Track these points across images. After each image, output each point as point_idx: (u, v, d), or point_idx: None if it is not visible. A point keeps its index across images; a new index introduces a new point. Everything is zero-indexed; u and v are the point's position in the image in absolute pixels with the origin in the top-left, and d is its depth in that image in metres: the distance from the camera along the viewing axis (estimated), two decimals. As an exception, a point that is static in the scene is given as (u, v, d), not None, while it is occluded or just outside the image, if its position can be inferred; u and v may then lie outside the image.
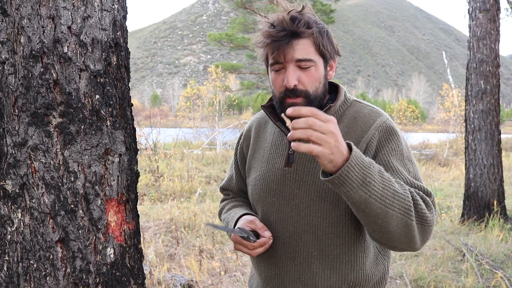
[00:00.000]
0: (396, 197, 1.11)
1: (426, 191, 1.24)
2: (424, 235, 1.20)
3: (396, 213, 1.12)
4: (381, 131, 1.30)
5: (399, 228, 1.14)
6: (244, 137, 1.57)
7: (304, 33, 1.26)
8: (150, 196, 8.41)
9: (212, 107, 19.74)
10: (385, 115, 1.36)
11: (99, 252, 1.09)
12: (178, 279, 3.76)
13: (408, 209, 1.13)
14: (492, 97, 6.01)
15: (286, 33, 1.26)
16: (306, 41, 1.27)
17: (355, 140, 1.30)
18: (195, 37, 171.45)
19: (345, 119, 1.35)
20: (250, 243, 1.30)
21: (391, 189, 1.11)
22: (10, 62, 1.02)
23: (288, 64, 1.28)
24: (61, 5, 1.03)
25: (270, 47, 1.28)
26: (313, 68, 1.29)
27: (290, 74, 1.27)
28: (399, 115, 21.40)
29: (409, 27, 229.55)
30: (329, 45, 1.31)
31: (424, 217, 1.17)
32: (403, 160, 1.28)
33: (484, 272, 4.19)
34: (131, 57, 42.17)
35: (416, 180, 1.26)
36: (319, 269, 1.33)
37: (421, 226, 1.18)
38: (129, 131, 1.17)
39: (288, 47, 1.26)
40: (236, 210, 1.52)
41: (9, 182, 1.04)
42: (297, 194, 1.33)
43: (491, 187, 5.97)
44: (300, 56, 1.27)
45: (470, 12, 6.22)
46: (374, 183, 1.08)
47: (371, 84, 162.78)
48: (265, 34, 1.28)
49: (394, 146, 1.29)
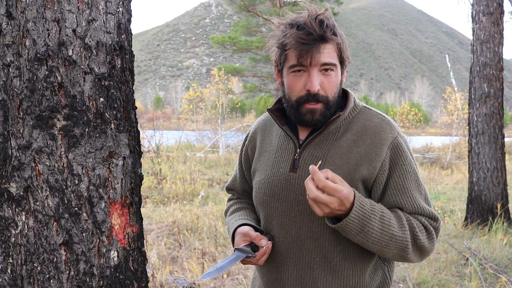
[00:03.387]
0: (393, 240, 1.24)
1: (433, 216, 1.32)
2: (422, 257, 1.33)
3: (392, 250, 1.26)
4: (392, 149, 1.31)
5: (395, 257, 1.30)
6: (250, 139, 1.57)
7: (331, 38, 1.27)
8: (153, 199, 8.41)
9: (215, 109, 19.76)
10: (395, 127, 1.36)
11: (102, 255, 1.09)
12: (180, 282, 3.76)
13: (404, 248, 1.26)
14: (496, 100, 5.99)
15: (315, 36, 1.25)
16: (331, 45, 1.27)
17: (364, 151, 1.30)
18: (198, 40, 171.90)
19: (354, 127, 1.34)
20: (252, 258, 1.33)
21: (389, 234, 1.23)
22: (15, 65, 1.02)
23: (312, 68, 1.27)
24: (66, 8, 1.03)
25: (297, 49, 1.26)
26: (334, 73, 1.29)
27: (314, 78, 1.26)
28: (402, 118, 21.37)
29: (412, 30, 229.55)
30: (347, 51, 1.32)
31: (423, 248, 1.29)
32: (417, 181, 1.32)
33: (488, 276, 4.17)
34: (134, 60, 42.25)
35: (427, 204, 1.33)
36: (321, 274, 1.33)
37: (419, 254, 1.31)
38: (133, 134, 1.17)
39: (316, 51, 1.25)
40: (235, 216, 1.53)
41: (13, 185, 1.04)
42: (301, 200, 1.32)
43: (494, 190, 5.94)
44: (327, 60, 1.26)
45: (473, 16, 6.21)
46: (372, 231, 1.21)
47: (374, 87, 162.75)
48: (294, 35, 1.26)
49: (407, 167, 1.31)
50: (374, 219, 1.21)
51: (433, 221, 1.31)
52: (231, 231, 1.46)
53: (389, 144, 1.30)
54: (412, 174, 1.31)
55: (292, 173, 1.35)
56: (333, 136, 1.34)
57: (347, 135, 1.33)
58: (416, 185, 1.31)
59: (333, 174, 1.17)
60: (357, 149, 1.30)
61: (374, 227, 1.21)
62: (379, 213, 1.23)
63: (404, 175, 1.30)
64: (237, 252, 1.33)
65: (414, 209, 1.29)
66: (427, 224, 1.29)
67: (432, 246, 1.31)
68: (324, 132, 1.34)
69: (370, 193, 1.32)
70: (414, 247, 1.27)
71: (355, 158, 1.30)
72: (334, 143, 1.33)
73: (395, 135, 1.32)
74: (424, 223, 1.29)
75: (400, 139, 1.33)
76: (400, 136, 1.34)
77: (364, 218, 1.19)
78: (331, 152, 1.32)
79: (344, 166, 1.29)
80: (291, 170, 1.35)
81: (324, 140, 1.34)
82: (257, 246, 1.34)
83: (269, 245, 1.35)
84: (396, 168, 1.30)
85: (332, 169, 1.29)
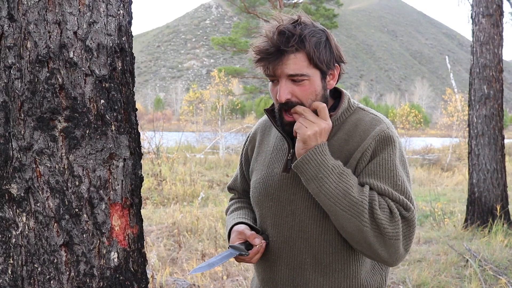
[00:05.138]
0: (347, 199, 1.20)
1: (404, 204, 1.24)
2: (388, 247, 1.22)
3: (346, 214, 1.21)
4: (378, 140, 1.29)
5: (354, 231, 1.22)
6: (250, 139, 1.59)
7: (293, 49, 1.23)
8: (153, 200, 8.41)
9: (215, 111, 19.76)
10: (386, 123, 1.34)
11: (103, 256, 1.09)
12: (180, 283, 3.76)
13: (359, 213, 1.20)
14: (496, 102, 6.00)
15: (274, 49, 1.24)
16: (299, 55, 1.24)
17: (353, 148, 1.30)
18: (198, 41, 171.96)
19: (346, 126, 1.34)
20: (245, 256, 1.34)
21: (343, 190, 1.21)
22: (17, 67, 1.03)
23: (280, 78, 1.27)
24: (67, 11, 1.04)
25: (259, 62, 1.28)
26: (307, 82, 1.27)
27: (281, 88, 1.27)
28: (402, 120, 21.36)
29: (412, 31, 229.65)
30: (326, 55, 1.27)
31: (381, 226, 1.20)
32: (392, 171, 1.27)
33: (488, 278, 4.17)
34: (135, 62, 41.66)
35: (399, 193, 1.26)
36: (312, 275, 1.34)
37: (379, 236, 1.21)
38: (133, 136, 1.18)
39: (278, 62, 1.25)
40: (234, 215, 1.55)
41: (14, 186, 1.04)
42: (293, 200, 1.34)
43: (494, 192, 5.94)
44: (291, 71, 1.25)
45: (473, 17, 6.22)
46: (326, 180, 1.22)
47: (374, 89, 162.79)
48: (255, 49, 1.27)
49: (386, 156, 1.28)
50: (332, 170, 1.22)
51: (403, 209, 1.24)
52: (228, 229, 1.49)
53: (375, 135, 1.29)
54: (391, 165, 1.26)
55: (285, 173, 1.37)
56: None
57: (339, 135, 1.33)
58: (390, 176, 1.26)
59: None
60: (347, 147, 1.31)
61: (330, 178, 1.22)
62: (339, 169, 1.23)
63: (380, 163, 1.26)
64: (231, 249, 1.35)
65: (381, 191, 1.25)
66: (392, 206, 1.23)
67: (394, 230, 1.21)
68: None
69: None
70: (371, 221, 1.20)
71: (345, 156, 1.30)
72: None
73: (383, 128, 1.30)
74: (389, 204, 1.23)
75: (388, 132, 1.30)
76: (391, 131, 1.31)
77: (322, 163, 1.23)
78: None
79: None
80: (284, 170, 1.37)
81: None
82: (251, 244, 1.36)
83: (263, 244, 1.36)
84: (376, 158, 1.27)
85: None
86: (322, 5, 21.38)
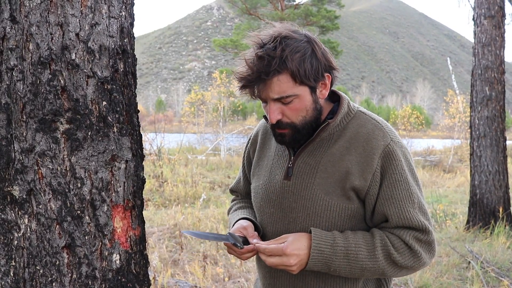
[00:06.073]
0: (366, 270, 1.26)
1: (424, 228, 1.27)
2: (412, 271, 1.32)
3: (371, 275, 1.29)
4: (383, 157, 1.27)
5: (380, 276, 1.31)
6: (252, 141, 1.58)
7: (277, 72, 1.20)
8: (154, 202, 8.41)
9: (216, 112, 19.76)
10: (388, 133, 1.31)
11: (105, 258, 1.09)
12: (182, 285, 3.76)
13: (382, 273, 1.28)
14: (497, 103, 5.99)
15: (255, 75, 1.21)
16: (282, 77, 1.21)
17: (355, 160, 1.28)
18: (199, 42, 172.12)
19: (347, 133, 1.32)
20: (238, 249, 1.32)
21: (358, 267, 1.25)
22: (19, 68, 1.03)
23: (268, 101, 1.26)
24: (69, 13, 1.04)
25: (244, 90, 1.27)
26: (296, 100, 1.25)
27: (270, 111, 1.26)
28: (403, 121, 21.34)
29: (414, 33, 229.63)
30: (313, 69, 1.23)
31: (404, 266, 1.28)
32: (409, 190, 1.27)
33: (490, 280, 4.16)
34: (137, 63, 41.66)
35: (421, 213, 1.28)
36: (313, 282, 1.34)
37: (404, 270, 1.30)
38: (135, 138, 1.18)
39: (262, 87, 1.23)
40: (238, 212, 1.54)
41: (16, 188, 1.04)
42: (295, 208, 1.33)
43: (496, 194, 5.93)
44: (277, 95, 1.23)
45: (475, 19, 6.21)
46: (339, 269, 1.26)
47: (375, 90, 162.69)
48: (238, 77, 1.25)
49: (398, 176, 1.27)
50: (337, 259, 1.24)
51: (422, 235, 1.26)
52: (233, 221, 1.48)
53: (380, 152, 1.27)
54: (403, 183, 1.26)
55: (286, 181, 1.35)
56: (326, 143, 1.33)
57: (340, 142, 1.31)
58: (407, 194, 1.26)
59: (271, 242, 1.29)
60: (349, 157, 1.29)
61: (341, 265, 1.25)
62: (343, 251, 1.24)
63: (394, 184, 1.26)
64: (228, 235, 1.34)
65: (400, 221, 1.26)
66: (411, 243, 1.25)
67: (417, 261, 1.27)
68: (317, 140, 1.33)
69: (364, 203, 1.31)
70: (394, 269, 1.27)
71: (347, 166, 1.28)
72: (327, 151, 1.32)
73: (387, 142, 1.28)
74: (408, 242, 1.25)
75: (393, 146, 1.28)
76: (394, 142, 1.29)
77: (327, 260, 1.25)
78: (324, 160, 1.31)
79: (335, 174, 1.29)
80: (285, 178, 1.36)
81: (318, 148, 1.33)
82: (248, 242, 1.35)
83: (257, 246, 1.35)
84: (386, 176, 1.27)
85: (324, 177, 1.29)
86: (324, 6, 21.37)
